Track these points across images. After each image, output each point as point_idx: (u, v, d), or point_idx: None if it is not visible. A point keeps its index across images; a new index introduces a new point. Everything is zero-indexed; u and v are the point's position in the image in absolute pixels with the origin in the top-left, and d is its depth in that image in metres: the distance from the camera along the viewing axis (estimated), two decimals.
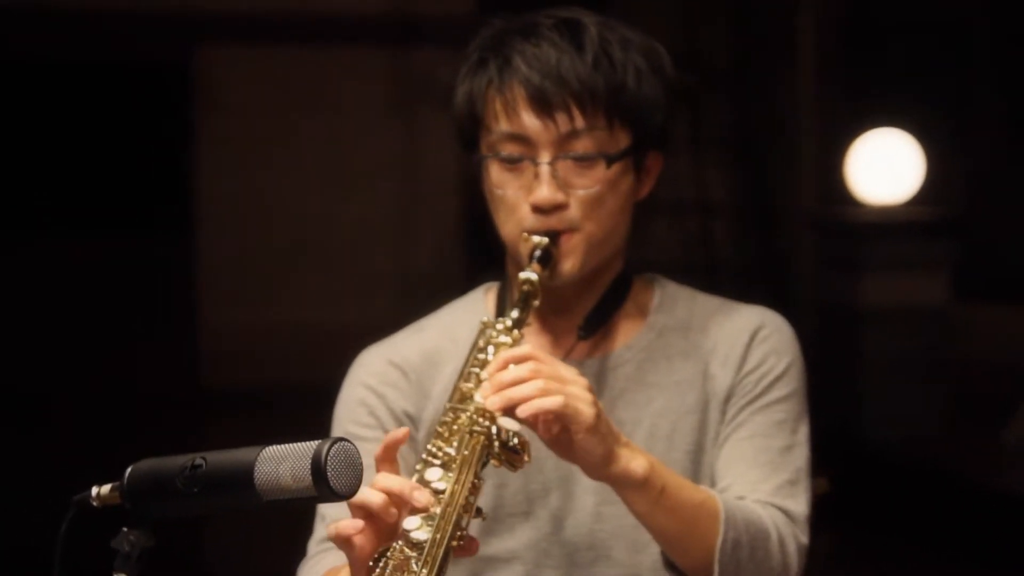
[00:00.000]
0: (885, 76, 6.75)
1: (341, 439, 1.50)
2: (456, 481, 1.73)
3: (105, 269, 7.56)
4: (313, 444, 1.47)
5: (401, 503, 1.70)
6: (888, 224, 6.45)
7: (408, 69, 7.65)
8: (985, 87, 6.95)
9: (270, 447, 1.49)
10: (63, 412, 6.87)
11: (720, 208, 7.34)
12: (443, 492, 1.72)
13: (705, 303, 2.05)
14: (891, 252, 6.39)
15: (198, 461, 1.47)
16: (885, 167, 6.44)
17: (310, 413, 2.07)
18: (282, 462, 1.47)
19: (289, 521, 2.00)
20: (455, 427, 1.79)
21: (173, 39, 7.68)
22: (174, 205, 7.80)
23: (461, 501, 1.72)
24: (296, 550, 2.00)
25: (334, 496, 1.47)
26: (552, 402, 1.74)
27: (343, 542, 1.71)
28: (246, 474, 1.46)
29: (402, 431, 1.75)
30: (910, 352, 6.33)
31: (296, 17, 7.66)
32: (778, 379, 1.99)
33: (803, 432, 1.99)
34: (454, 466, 1.75)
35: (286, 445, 1.49)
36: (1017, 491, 5.63)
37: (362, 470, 1.52)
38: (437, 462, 1.76)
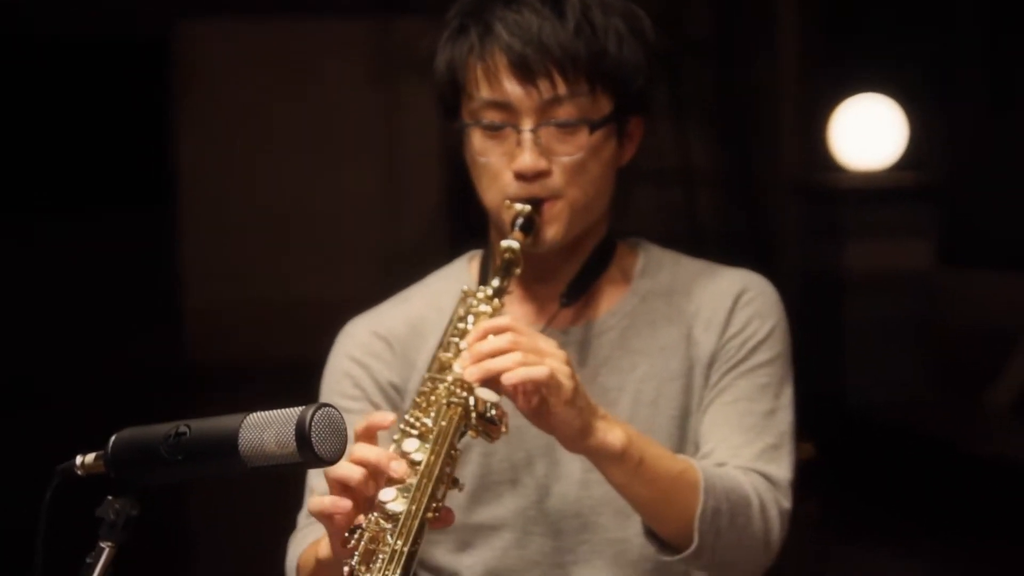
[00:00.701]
0: (867, 41, 6.74)
1: (325, 404, 1.50)
2: (432, 452, 1.73)
3: (87, 246, 7.55)
4: (297, 410, 1.47)
5: (378, 474, 1.70)
6: (871, 190, 6.45)
7: (390, 42, 7.64)
8: (967, 51, 6.94)
9: (254, 414, 1.48)
10: (49, 391, 6.87)
11: (703, 176, 7.34)
12: (419, 463, 1.72)
13: (689, 266, 2.05)
14: (874, 218, 6.39)
15: (182, 429, 1.47)
16: (868, 133, 6.44)
17: (296, 387, 2.07)
18: (266, 428, 1.47)
19: (280, 494, 2.00)
20: (432, 397, 1.79)
21: (153, 14, 7.65)
22: (156, 181, 7.79)
23: (437, 472, 1.72)
24: (287, 524, 2.00)
25: (319, 462, 1.47)
26: (538, 372, 1.74)
27: (325, 518, 1.71)
28: (230, 441, 1.46)
29: (388, 419, 1.75)
30: (894, 318, 6.34)
31: None
32: (761, 343, 1.99)
33: (787, 396, 1.99)
34: (431, 437, 1.74)
35: (270, 412, 1.49)
36: (1002, 455, 5.65)
37: (347, 435, 1.52)
38: (415, 432, 1.76)
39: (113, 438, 1.50)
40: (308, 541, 1.93)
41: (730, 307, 2.00)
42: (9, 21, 7.29)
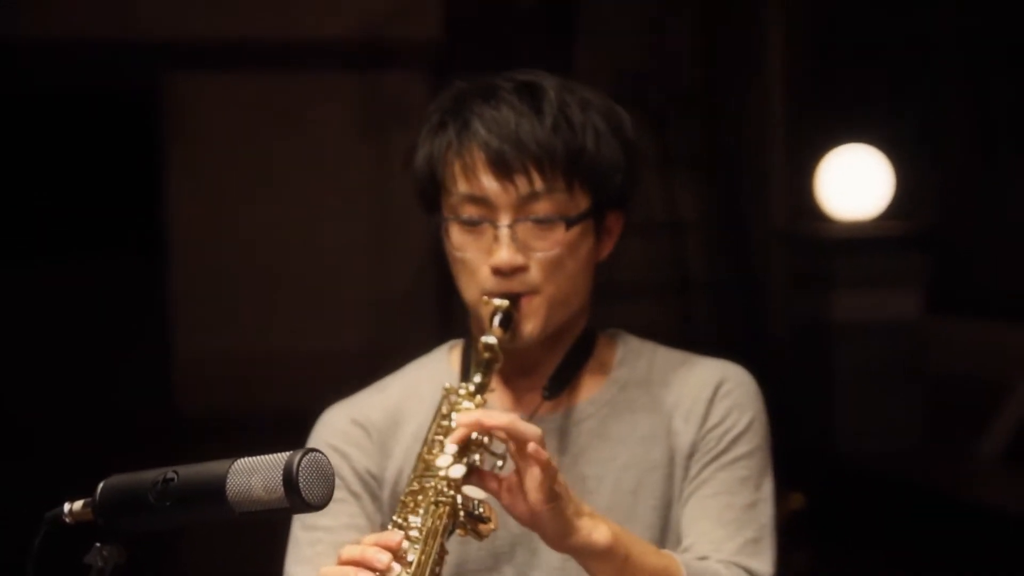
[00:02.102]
0: (853, 92, 6.77)
1: (312, 450, 1.51)
2: (423, 552, 1.74)
3: (78, 297, 7.53)
4: (285, 455, 1.48)
5: (369, 566, 1.71)
6: (859, 239, 6.47)
7: (379, 93, 7.66)
8: (953, 101, 6.98)
9: (241, 459, 1.49)
10: (37, 438, 6.84)
11: (691, 227, 7.36)
12: (411, 564, 1.72)
13: (667, 357, 2.06)
14: (862, 267, 6.41)
15: (170, 475, 1.48)
16: (855, 183, 6.46)
17: (284, 438, 2.07)
18: (254, 474, 1.47)
19: (265, 536, 2.00)
20: (420, 497, 1.79)
21: (142, 66, 7.67)
22: (146, 232, 7.79)
23: (428, 573, 1.72)
24: (272, 568, 2.00)
25: (306, 507, 1.47)
26: (533, 429, 1.75)
27: None
28: (218, 487, 1.47)
29: (397, 537, 1.74)
30: (883, 367, 6.35)
31: (265, 43, 7.66)
32: (741, 435, 1.99)
33: (767, 488, 2.00)
34: (420, 536, 1.75)
35: (257, 457, 1.49)
36: (992, 504, 5.64)
37: (334, 481, 1.52)
38: (404, 536, 1.76)
39: (101, 485, 1.50)
40: None
41: (709, 398, 2.00)
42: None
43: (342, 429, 2.03)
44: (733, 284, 7.06)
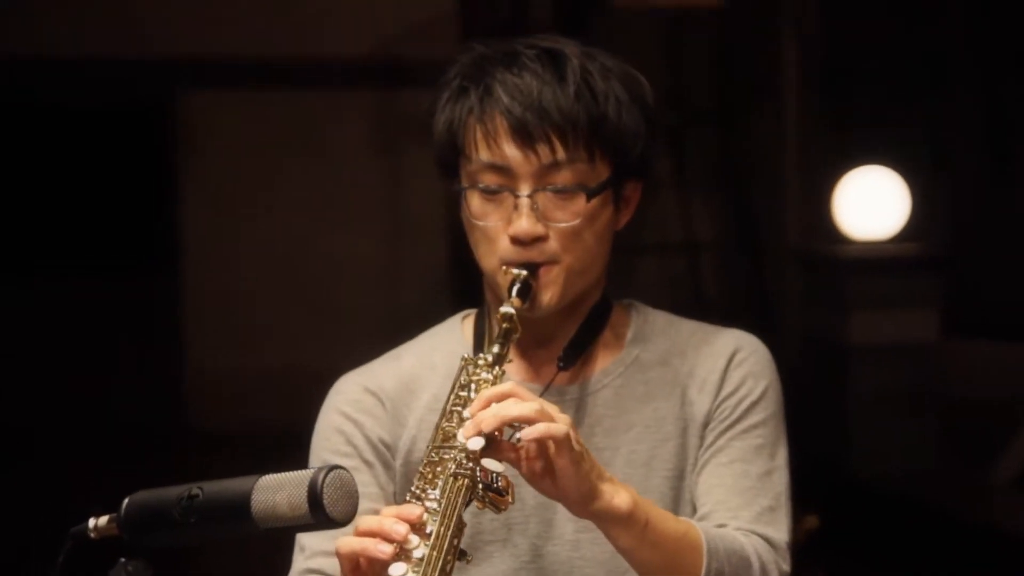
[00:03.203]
0: (869, 113, 6.77)
1: (336, 467, 1.50)
2: (442, 524, 1.72)
3: (91, 312, 7.54)
4: (309, 472, 1.48)
5: (386, 537, 1.70)
6: (874, 260, 6.46)
7: (393, 111, 7.67)
8: (968, 122, 6.98)
9: (266, 476, 1.49)
10: (50, 452, 6.84)
11: (706, 246, 7.35)
12: (429, 535, 1.72)
13: (682, 328, 2.06)
14: (878, 288, 6.39)
15: (195, 491, 1.48)
16: (870, 204, 6.46)
17: (296, 454, 2.07)
18: (279, 491, 1.47)
19: (270, 549, 1.99)
20: (439, 468, 1.78)
21: (156, 83, 7.69)
22: (159, 248, 7.80)
23: (447, 545, 1.71)
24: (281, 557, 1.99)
25: (331, 523, 1.47)
26: (558, 428, 1.74)
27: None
28: (243, 503, 1.47)
29: (416, 512, 1.73)
30: (897, 388, 6.33)
31: (279, 60, 7.68)
32: (756, 403, 2.00)
33: (782, 456, 2.00)
34: (439, 509, 1.74)
35: (282, 474, 1.49)
36: (1006, 528, 5.63)
37: (358, 497, 1.52)
38: (424, 509, 1.75)
39: (126, 501, 1.50)
40: None
41: (724, 367, 2.00)
42: (11, 88, 7.33)
43: (355, 398, 2.02)
44: (747, 304, 7.06)
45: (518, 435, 1.76)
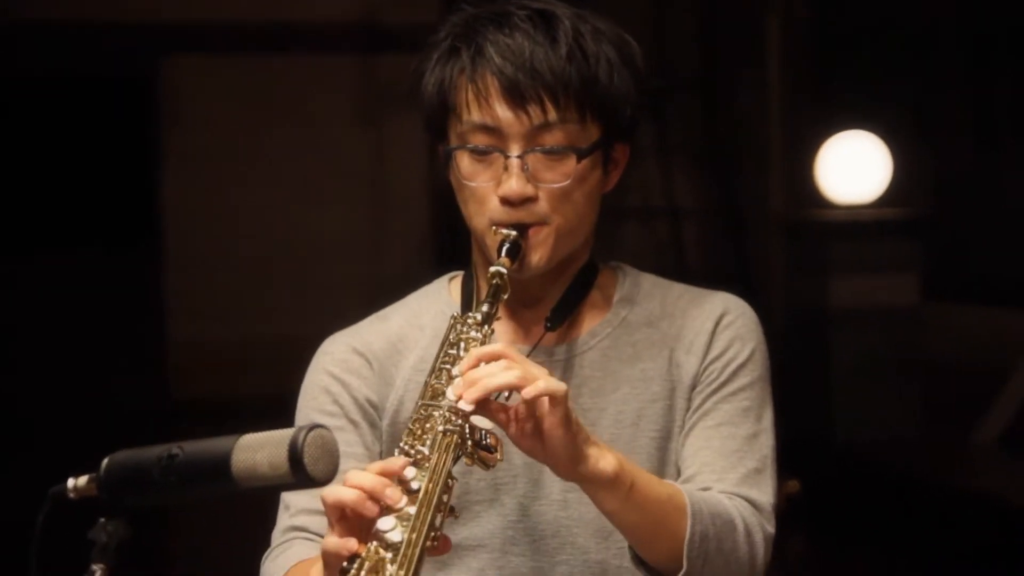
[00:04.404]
0: (851, 79, 6.77)
1: (318, 425, 1.50)
2: (430, 481, 1.72)
3: (73, 283, 7.53)
4: (290, 431, 1.48)
5: (376, 499, 1.70)
6: (856, 225, 6.46)
7: (375, 78, 7.65)
8: (950, 88, 6.98)
9: (247, 435, 1.49)
10: (32, 425, 6.84)
11: (689, 213, 7.36)
12: (417, 491, 1.72)
13: (669, 290, 2.06)
14: (860, 253, 6.40)
15: (175, 450, 1.48)
16: (853, 169, 6.47)
17: (280, 424, 2.06)
18: (259, 450, 1.47)
19: (255, 510, 1.99)
20: (428, 425, 1.78)
21: (137, 52, 7.66)
22: (141, 218, 7.78)
23: (435, 501, 1.71)
24: (261, 539, 1.99)
25: (311, 482, 1.47)
26: (558, 386, 1.74)
27: (329, 555, 1.70)
28: (223, 462, 1.46)
29: (399, 463, 1.73)
30: (880, 353, 6.35)
31: (262, 27, 7.65)
32: (743, 366, 2.00)
33: (768, 419, 2.00)
34: (428, 465, 1.74)
35: (263, 433, 1.49)
36: (988, 491, 5.65)
37: (339, 457, 1.52)
38: (411, 460, 1.76)
39: (105, 461, 1.50)
40: (286, 559, 1.92)
41: (711, 330, 2.00)
42: None
43: (342, 357, 2.02)
44: (730, 270, 7.07)
45: (508, 394, 1.77)
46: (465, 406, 1.73)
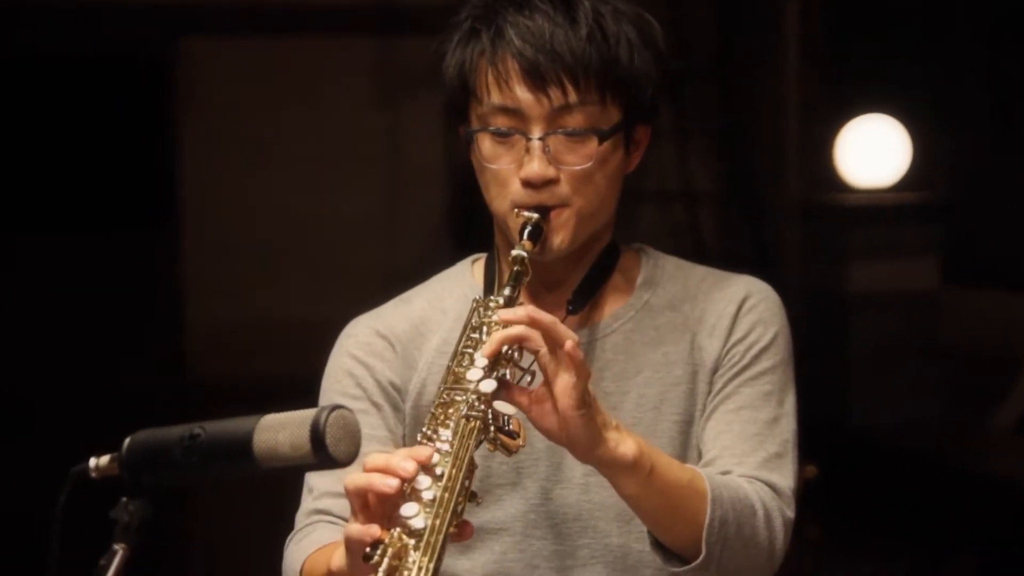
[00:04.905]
0: (870, 62, 6.75)
1: (339, 406, 1.50)
2: (453, 466, 1.72)
3: (88, 265, 7.53)
4: (312, 412, 1.48)
5: (392, 473, 1.69)
6: (876, 209, 6.44)
7: (393, 61, 7.63)
8: (970, 71, 6.95)
9: (268, 415, 1.49)
10: (48, 408, 6.85)
11: (706, 197, 7.34)
12: (441, 477, 1.71)
13: (692, 273, 2.06)
14: (879, 237, 6.39)
15: (196, 431, 1.48)
16: (872, 153, 6.45)
17: (295, 406, 2.07)
18: (281, 430, 1.47)
19: (278, 493, 1.99)
20: (450, 411, 1.78)
21: (152, 32, 7.65)
22: (157, 200, 7.77)
23: (458, 486, 1.71)
24: (284, 522, 1.99)
25: (333, 463, 1.47)
26: (571, 333, 1.74)
27: (352, 542, 1.70)
28: (245, 443, 1.47)
29: (426, 453, 1.73)
30: (898, 338, 6.33)
31: (278, 7, 7.64)
32: (765, 349, 2.00)
33: (789, 403, 2.01)
34: (451, 450, 1.74)
35: (284, 413, 1.49)
36: (1005, 476, 5.64)
37: (360, 437, 1.52)
38: (435, 449, 1.75)
39: (127, 440, 1.50)
40: (309, 543, 1.93)
41: (734, 313, 2.01)
42: (7, 39, 7.28)
43: (365, 340, 2.03)
44: (748, 254, 7.05)
45: (528, 377, 1.77)
46: (487, 387, 1.73)
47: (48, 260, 7.51)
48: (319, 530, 1.93)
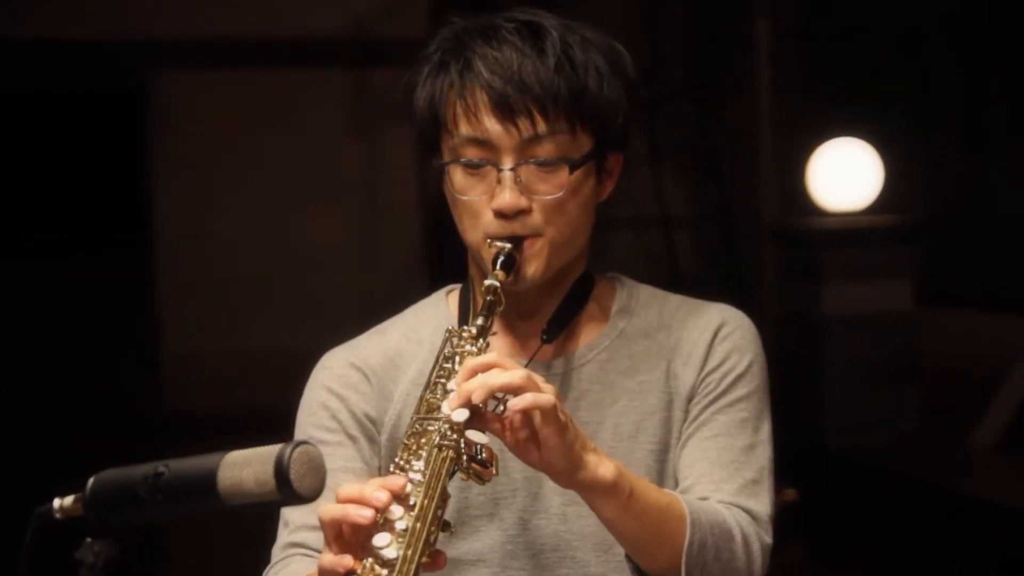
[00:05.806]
0: (842, 86, 6.77)
1: (303, 442, 1.50)
2: (426, 496, 1.71)
3: (66, 295, 7.52)
4: (276, 448, 1.47)
5: (366, 503, 1.69)
6: (849, 232, 6.46)
7: (367, 91, 7.65)
8: (941, 94, 6.98)
9: (232, 452, 1.48)
10: (25, 436, 6.83)
11: (681, 221, 7.36)
12: (414, 507, 1.71)
13: (667, 301, 2.05)
14: (853, 260, 6.39)
15: (160, 469, 1.47)
16: (844, 176, 6.47)
17: (272, 436, 2.06)
18: (245, 467, 1.46)
19: (255, 526, 1.99)
20: (423, 440, 1.78)
21: (129, 65, 7.66)
22: (134, 231, 7.77)
23: (431, 516, 1.71)
24: (260, 555, 1.99)
25: (298, 499, 1.47)
26: (545, 398, 1.73)
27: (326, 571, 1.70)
28: (209, 480, 1.46)
29: (400, 483, 1.73)
30: (874, 360, 6.34)
31: (253, 40, 7.65)
32: (740, 377, 1.99)
33: (765, 430, 2.00)
34: (424, 480, 1.73)
35: (248, 450, 1.48)
36: (985, 496, 5.64)
37: (325, 472, 1.51)
38: (408, 480, 1.75)
39: (91, 480, 1.49)
40: (286, 575, 1.92)
41: (709, 341, 2.00)
42: None
43: (340, 373, 2.02)
44: (723, 278, 7.07)
45: (502, 406, 1.76)
46: (460, 417, 1.73)
47: (26, 289, 7.51)
48: (295, 563, 1.93)
